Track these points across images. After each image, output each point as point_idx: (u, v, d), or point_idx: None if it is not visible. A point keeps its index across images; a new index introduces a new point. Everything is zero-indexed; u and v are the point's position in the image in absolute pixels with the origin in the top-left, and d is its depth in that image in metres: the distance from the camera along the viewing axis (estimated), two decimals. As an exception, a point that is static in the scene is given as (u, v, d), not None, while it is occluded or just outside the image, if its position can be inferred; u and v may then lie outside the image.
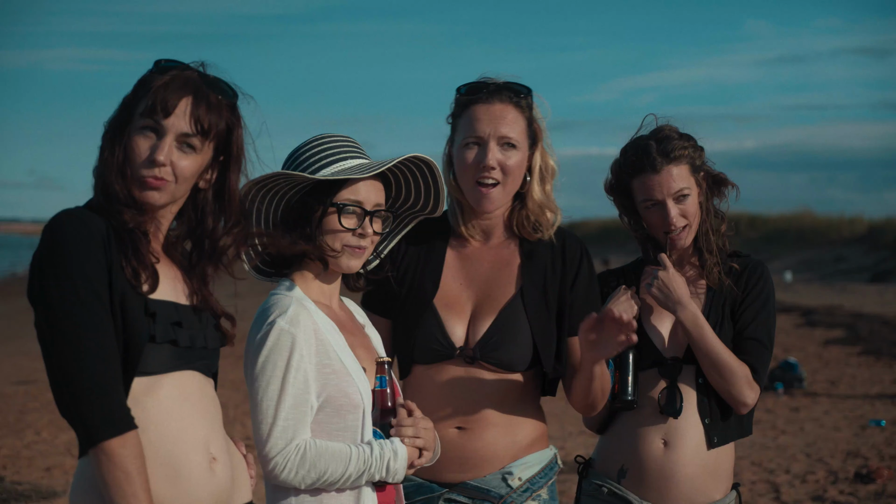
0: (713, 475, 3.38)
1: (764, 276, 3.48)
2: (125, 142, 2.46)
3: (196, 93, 2.48)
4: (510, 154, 3.09)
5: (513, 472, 3.11)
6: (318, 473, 2.71)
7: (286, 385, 2.70)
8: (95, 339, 2.30)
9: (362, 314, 3.06)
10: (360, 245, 2.84)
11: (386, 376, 2.83)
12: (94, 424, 2.28)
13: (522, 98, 3.14)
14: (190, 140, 2.48)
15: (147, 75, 2.52)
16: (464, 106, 3.14)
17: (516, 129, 3.10)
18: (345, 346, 2.81)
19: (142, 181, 2.45)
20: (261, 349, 2.72)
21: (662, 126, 3.45)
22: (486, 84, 3.14)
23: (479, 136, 3.09)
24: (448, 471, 3.06)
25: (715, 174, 3.47)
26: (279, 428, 2.70)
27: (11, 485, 8.08)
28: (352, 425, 2.77)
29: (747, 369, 3.36)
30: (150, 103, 2.45)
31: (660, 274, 3.37)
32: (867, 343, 15.30)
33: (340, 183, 2.81)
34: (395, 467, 2.76)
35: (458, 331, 3.11)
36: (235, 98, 2.56)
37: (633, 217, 3.49)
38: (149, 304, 2.42)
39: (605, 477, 3.42)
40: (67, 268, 2.32)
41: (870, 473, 7.93)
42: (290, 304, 2.77)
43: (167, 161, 2.45)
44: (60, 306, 2.31)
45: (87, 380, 2.28)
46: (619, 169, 3.46)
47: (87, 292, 2.31)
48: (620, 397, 3.34)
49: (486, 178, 3.09)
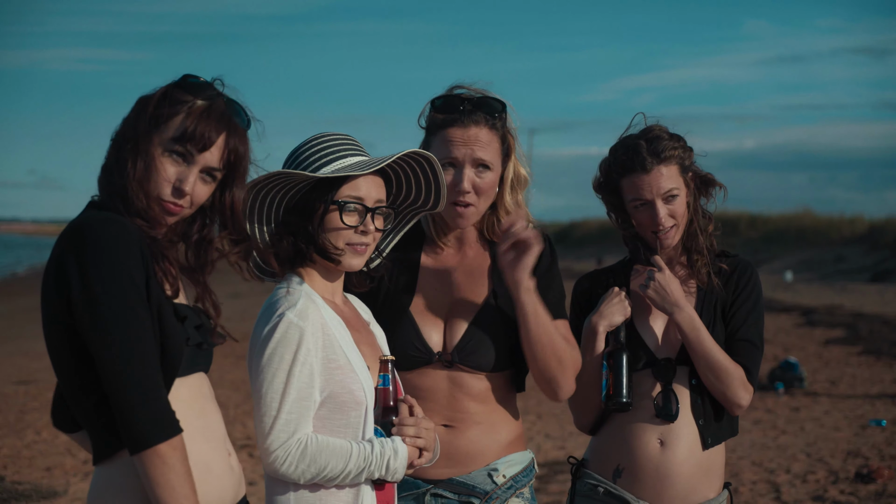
0: (707, 474, 3.39)
1: (753, 276, 3.49)
2: (148, 158, 2.47)
3: (229, 128, 2.53)
4: (484, 175, 3.11)
5: (498, 469, 3.13)
6: (318, 468, 2.71)
7: (291, 378, 2.71)
8: (143, 345, 2.34)
9: (367, 311, 3.06)
10: (362, 242, 2.84)
11: (389, 374, 2.83)
12: (145, 429, 2.32)
13: (496, 118, 3.14)
14: (214, 172, 2.53)
15: (175, 91, 2.52)
16: (438, 126, 3.15)
17: (490, 150, 3.12)
18: (351, 343, 2.81)
19: (161, 204, 2.49)
20: (268, 341, 2.72)
21: (652, 126, 3.45)
22: (460, 101, 3.13)
23: (453, 157, 3.11)
24: (434, 467, 3.07)
25: (703, 175, 3.47)
26: (282, 421, 2.70)
27: (11, 485, 8.08)
28: (354, 422, 2.77)
29: (742, 371, 3.37)
30: (189, 132, 2.47)
31: (656, 275, 3.37)
32: (867, 343, 15.31)
33: (341, 180, 2.81)
34: (394, 466, 2.76)
35: (435, 336, 3.14)
36: (249, 126, 2.61)
37: (622, 216, 3.50)
38: (178, 308, 2.48)
39: (601, 477, 3.43)
40: (115, 271, 2.34)
41: (870, 473, 7.93)
42: (300, 297, 2.77)
43: (191, 192, 2.49)
44: (110, 311, 2.34)
45: (136, 385, 2.32)
46: (608, 168, 3.46)
47: (135, 297, 2.35)
48: (615, 399, 3.34)
49: (461, 200, 3.11)
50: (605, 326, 3.38)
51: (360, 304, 3.06)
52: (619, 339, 3.38)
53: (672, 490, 3.36)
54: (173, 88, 2.52)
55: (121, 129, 2.51)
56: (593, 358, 3.37)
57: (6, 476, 8.47)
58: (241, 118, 2.58)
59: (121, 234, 2.37)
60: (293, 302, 2.76)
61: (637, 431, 3.38)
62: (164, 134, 2.48)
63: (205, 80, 2.56)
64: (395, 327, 3.11)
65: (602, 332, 3.38)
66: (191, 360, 2.50)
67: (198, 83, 2.54)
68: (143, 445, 2.32)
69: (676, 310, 3.35)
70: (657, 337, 3.45)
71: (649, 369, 3.40)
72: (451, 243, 3.24)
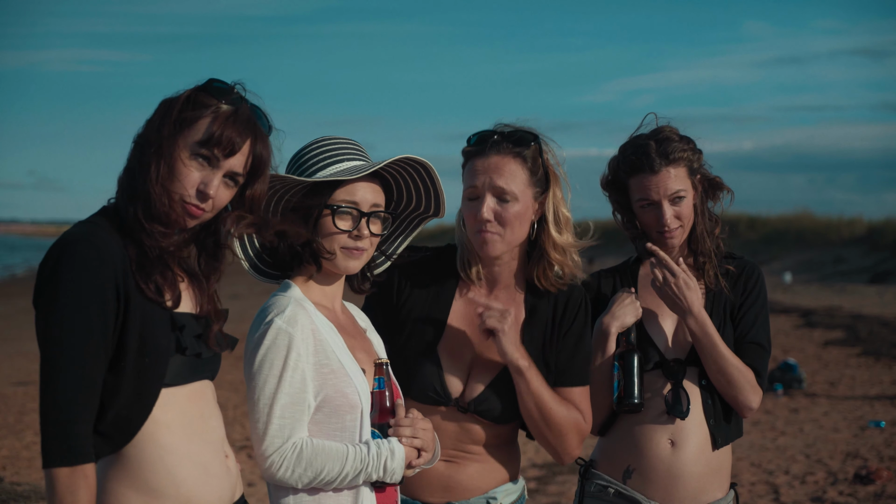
0: (716, 474, 3.40)
1: (760, 278, 3.50)
2: (172, 161, 2.47)
3: (255, 134, 2.54)
4: (507, 206, 3.08)
5: (496, 498, 3.16)
6: (315, 472, 2.71)
7: (282, 384, 2.72)
8: (74, 371, 2.34)
9: (365, 319, 3.06)
10: (357, 247, 2.84)
11: (384, 377, 2.84)
12: (49, 450, 2.34)
13: (525, 147, 3.11)
14: (237, 177, 2.54)
15: (201, 95, 2.52)
16: (467, 157, 3.16)
17: (514, 180, 3.08)
18: (343, 347, 2.82)
19: (184, 207, 2.49)
20: (258, 348, 2.74)
21: (663, 127, 3.45)
22: (491, 134, 3.12)
23: (474, 186, 3.10)
24: (432, 494, 3.12)
25: (711, 178, 3.47)
26: (275, 426, 2.71)
27: (11, 485, 8.08)
28: (349, 426, 2.77)
29: (752, 374, 3.37)
30: (216, 137, 2.47)
31: (679, 278, 3.36)
32: (866, 344, 15.31)
33: (336, 184, 2.82)
34: (392, 467, 2.76)
35: (456, 382, 3.13)
36: (271, 131, 2.62)
37: (627, 215, 3.50)
38: (175, 318, 2.48)
39: (610, 478, 3.43)
40: (63, 298, 2.36)
41: (869, 474, 7.94)
42: (288, 304, 2.78)
43: (215, 195, 2.50)
44: (50, 332, 2.37)
45: (52, 407, 2.34)
46: (616, 166, 3.46)
47: (80, 324, 2.35)
48: (626, 401, 3.34)
49: (484, 231, 3.08)
50: (617, 327, 3.37)
51: (358, 311, 3.07)
52: (631, 341, 3.37)
53: (683, 490, 3.36)
54: (198, 92, 2.52)
55: (144, 131, 2.51)
56: (605, 360, 3.37)
57: (5, 477, 8.47)
58: (263, 123, 2.59)
59: (86, 255, 2.37)
60: (282, 308, 2.76)
61: (648, 432, 3.38)
62: (189, 137, 2.48)
63: (230, 84, 2.56)
64: (419, 363, 3.12)
65: (614, 333, 3.37)
66: (192, 369, 2.52)
67: (223, 87, 2.54)
68: (45, 463, 2.35)
69: (690, 314, 3.35)
70: (667, 337, 3.45)
71: (659, 370, 3.40)
72: (482, 282, 3.20)
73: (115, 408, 2.41)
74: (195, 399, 2.53)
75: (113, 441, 2.43)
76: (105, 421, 2.41)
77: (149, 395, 2.44)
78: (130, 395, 2.41)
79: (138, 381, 2.42)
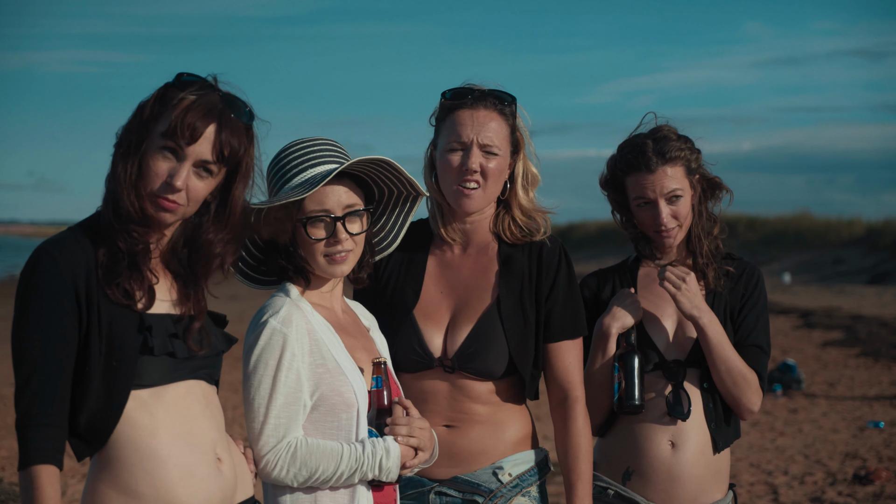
0: (716, 476, 3.40)
1: (760, 280, 3.49)
2: (141, 158, 2.48)
3: (220, 119, 2.51)
4: (492, 159, 3.12)
5: (503, 468, 3.13)
6: (310, 471, 2.72)
7: (277, 383, 2.73)
8: (35, 378, 2.40)
9: (369, 318, 3.06)
10: (337, 251, 2.84)
11: (382, 376, 2.84)
12: (24, 450, 2.40)
13: (506, 105, 3.17)
14: (208, 166, 2.51)
15: (169, 90, 2.51)
16: (448, 110, 3.17)
17: (499, 135, 3.14)
18: (340, 347, 2.82)
19: (156, 202, 2.49)
20: (253, 348, 2.75)
21: (661, 126, 3.45)
22: (471, 90, 3.16)
23: (462, 140, 3.12)
24: (438, 466, 3.07)
25: (710, 178, 3.46)
26: (270, 426, 2.73)
27: (10, 486, 8.07)
28: (345, 424, 2.78)
29: (755, 376, 3.37)
30: (173, 126, 2.46)
31: (688, 280, 3.35)
32: (865, 345, 15.32)
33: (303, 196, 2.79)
34: (387, 465, 2.76)
35: (436, 340, 3.13)
36: (252, 121, 2.58)
37: (626, 214, 3.50)
38: (144, 318, 2.48)
39: (610, 479, 3.41)
40: (24, 310, 2.43)
41: (868, 475, 7.94)
42: (284, 304, 2.79)
43: (184, 187, 2.48)
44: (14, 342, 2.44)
45: (17, 415, 2.42)
46: (614, 165, 3.46)
47: (39, 334, 2.41)
48: (627, 403, 3.33)
49: (467, 182, 3.12)
50: (618, 328, 3.36)
51: (364, 311, 3.07)
52: (631, 342, 3.36)
53: (683, 492, 3.35)
54: (167, 88, 2.52)
55: (119, 135, 2.52)
56: (605, 361, 3.37)
57: (4, 477, 8.47)
58: (240, 113, 2.55)
59: (47, 269, 2.42)
60: (277, 309, 2.78)
61: (648, 433, 3.37)
62: (155, 132, 2.48)
63: (199, 76, 2.55)
64: (397, 330, 3.11)
65: (615, 333, 3.36)
66: (170, 369, 2.51)
67: (191, 80, 2.53)
68: (20, 464, 2.40)
69: (699, 317, 3.34)
70: (667, 338, 3.44)
71: (659, 371, 3.39)
72: (458, 239, 3.22)
73: (88, 410, 2.44)
74: (179, 401, 2.52)
75: (89, 443, 2.47)
76: (80, 423, 2.44)
77: (119, 396, 2.45)
78: (101, 398, 2.44)
79: (108, 384, 2.44)
